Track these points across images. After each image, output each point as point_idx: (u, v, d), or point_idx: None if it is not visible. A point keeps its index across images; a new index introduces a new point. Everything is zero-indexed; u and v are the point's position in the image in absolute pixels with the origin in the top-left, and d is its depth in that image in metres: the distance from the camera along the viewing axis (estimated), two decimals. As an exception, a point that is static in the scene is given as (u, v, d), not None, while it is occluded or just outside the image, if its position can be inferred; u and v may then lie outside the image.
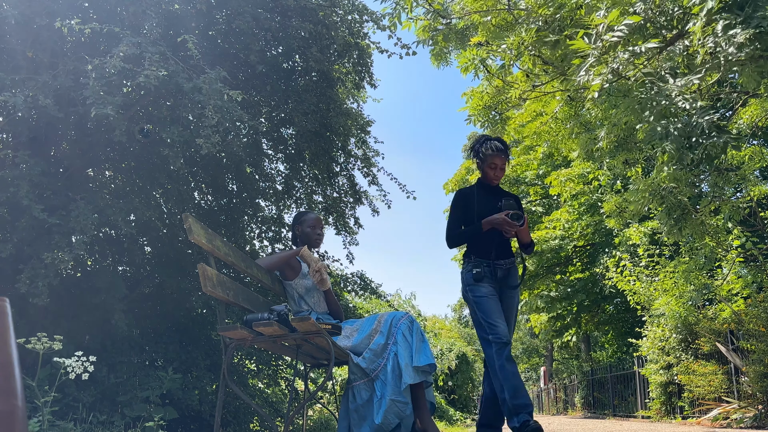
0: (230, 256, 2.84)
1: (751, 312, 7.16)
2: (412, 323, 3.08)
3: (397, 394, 2.86)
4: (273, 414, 4.99)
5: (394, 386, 2.88)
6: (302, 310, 3.34)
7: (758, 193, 7.14)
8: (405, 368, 2.90)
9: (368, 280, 5.54)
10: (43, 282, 2.96)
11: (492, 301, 3.16)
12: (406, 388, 2.87)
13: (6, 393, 1.02)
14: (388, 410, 2.84)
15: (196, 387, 4.12)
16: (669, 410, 9.76)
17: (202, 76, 3.13)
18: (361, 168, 5.11)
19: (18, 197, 3.00)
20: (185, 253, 4.37)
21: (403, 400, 2.86)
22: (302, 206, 5.27)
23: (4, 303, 1.11)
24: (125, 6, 3.49)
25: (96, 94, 2.89)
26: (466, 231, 3.28)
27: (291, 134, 5.03)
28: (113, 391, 3.59)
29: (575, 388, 18.64)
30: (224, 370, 2.71)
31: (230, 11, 3.98)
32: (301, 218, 3.54)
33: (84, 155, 3.81)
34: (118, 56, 2.94)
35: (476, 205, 3.31)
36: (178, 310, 4.44)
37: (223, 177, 4.78)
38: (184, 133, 3.27)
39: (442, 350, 13.59)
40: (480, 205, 3.30)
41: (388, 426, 2.84)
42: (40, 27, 3.31)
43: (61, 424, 2.91)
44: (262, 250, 5.18)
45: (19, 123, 3.42)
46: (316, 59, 4.20)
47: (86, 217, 3.11)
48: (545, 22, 4.50)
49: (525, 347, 34.65)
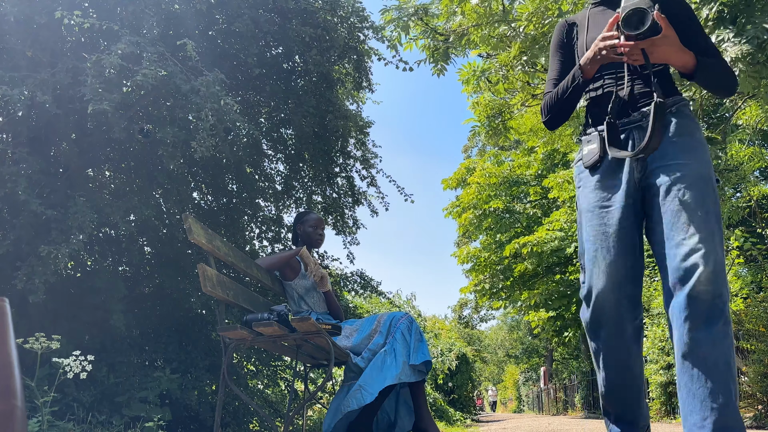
0: (230, 256, 2.84)
1: (751, 312, 7.16)
2: (412, 323, 3.09)
3: (368, 383, 2.83)
4: (273, 414, 4.99)
5: (368, 375, 2.86)
6: (302, 311, 3.35)
7: (758, 194, 7.15)
8: (403, 366, 2.89)
9: (368, 279, 5.54)
10: (40, 279, 2.95)
11: (596, 220, 1.78)
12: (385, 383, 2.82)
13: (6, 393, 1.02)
14: (352, 394, 2.83)
15: (195, 387, 4.12)
16: (669, 410, 9.76)
17: (200, 78, 3.13)
18: (360, 170, 5.12)
19: (16, 193, 2.99)
20: (185, 253, 4.36)
21: (370, 390, 2.81)
22: (302, 207, 5.28)
23: (3, 303, 1.11)
24: (124, 5, 3.49)
25: (94, 91, 2.89)
26: (562, 85, 1.89)
27: (291, 135, 5.03)
28: (113, 391, 3.59)
29: (575, 388, 18.64)
30: (224, 370, 2.70)
31: (230, 12, 3.98)
32: (302, 218, 3.54)
33: (83, 155, 3.81)
34: (116, 54, 2.94)
35: (587, 35, 1.89)
36: (178, 311, 4.43)
37: (222, 177, 4.77)
38: (180, 133, 3.27)
39: (442, 351, 13.58)
40: (592, 33, 1.88)
41: (345, 407, 2.83)
42: (40, 26, 3.31)
43: (61, 424, 2.91)
44: (262, 250, 5.18)
45: (18, 123, 3.42)
46: (316, 61, 4.20)
47: (85, 214, 3.10)
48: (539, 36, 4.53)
49: (525, 347, 34.64)
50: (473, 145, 27.16)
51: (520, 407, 39.27)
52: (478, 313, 29.62)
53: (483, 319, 29.82)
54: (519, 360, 36.63)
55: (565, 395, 21.05)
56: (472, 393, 16.35)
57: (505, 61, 4.67)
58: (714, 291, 1.55)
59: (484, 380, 37.41)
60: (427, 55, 5.29)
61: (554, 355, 27.37)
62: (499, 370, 45.30)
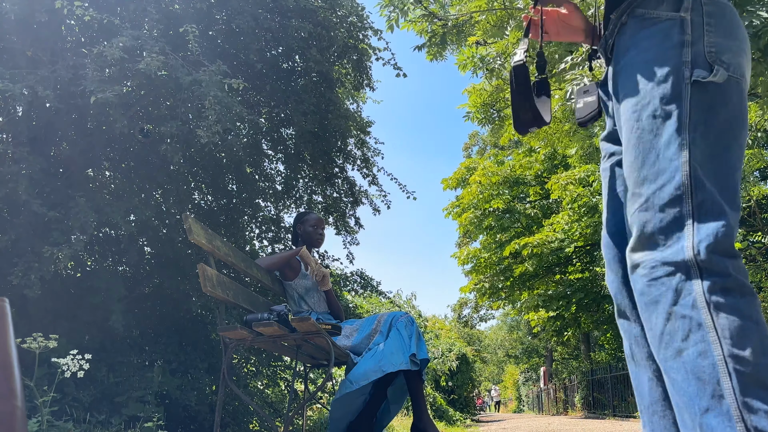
0: (230, 256, 2.83)
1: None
2: (412, 323, 3.09)
3: (354, 375, 2.84)
4: (272, 414, 4.99)
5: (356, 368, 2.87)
6: (302, 311, 3.34)
7: (757, 194, 7.15)
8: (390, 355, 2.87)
9: (368, 278, 5.54)
10: (36, 275, 2.94)
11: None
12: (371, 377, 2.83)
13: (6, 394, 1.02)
14: (340, 386, 2.87)
15: (194, 387, 4.11)
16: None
17: (202, 69, 3.13)
18: (361, 168, 5.11)
19: (17, 193, 2.99)
20: (185, 253, 4.36)
21: (352, 379, 2.83)
22: (302, 206, 5.28)
23: (3, 303, 1.11)
24: (125, 4, 3.49)
25: (96, 82, 2.88)
26: None
27: (291, 134, 5.03)
28: (112, 391, 3.59)
29: (575, 389, 18.64)
30: (224, 370, 2.70)
31: (230, 11, 3.98)
32: (303, 218, 3.55)
33: (84, 155, 3.81)
34: (118, 46, 2.94)
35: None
36: (178, 311, 4.43)
37: (223, 177, 4.77)
38: (183, 128, 3.27)
39: (442, 351, 13.59)
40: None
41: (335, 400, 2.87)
42: (40, 24, 3.30)
43: (60, 424, 2.91)
44: (262, 251, 5.18)
45: (19, 123, 3.42)
46: (316, 60, 4.21)
47: (85, 213, 3.10)
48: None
49: (525, 347, 34.65)
50: (473, 144, 27.18)
51: (520, 407, 39.27)
52: (477, 312, 29.62)
53: (483, 319, 29.81)
54: (519, 360, 36.64)
55: (565, 395, 21.06)
56: (472, 393, 16.36)
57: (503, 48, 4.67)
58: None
59: (484, 380, 37.43)
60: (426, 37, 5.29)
61: (554, 355, 27.37)
62: (499, 370, 45.32)
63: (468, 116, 6.45)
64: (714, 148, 1.16)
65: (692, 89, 1.17)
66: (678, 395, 1.09)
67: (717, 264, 1.08)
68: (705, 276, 1.08)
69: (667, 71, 1.20)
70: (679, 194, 1.13)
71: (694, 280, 1.09)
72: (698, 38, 1.20)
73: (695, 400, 1.06)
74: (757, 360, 1.02)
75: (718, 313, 1.06)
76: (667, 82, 1.19)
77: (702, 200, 1.12)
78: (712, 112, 1.17)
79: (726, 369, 1.03)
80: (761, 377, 1.01)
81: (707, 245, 1.09)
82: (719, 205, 1.12)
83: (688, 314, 1.08)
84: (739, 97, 1.19)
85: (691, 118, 1.16)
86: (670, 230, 1.13)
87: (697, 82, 1.17)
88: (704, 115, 1.16)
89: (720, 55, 1.19)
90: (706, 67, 1.18)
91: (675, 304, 1.10)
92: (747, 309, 1.06)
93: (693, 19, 1.22)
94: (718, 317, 1.06)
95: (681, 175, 1.14)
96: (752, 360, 1.02)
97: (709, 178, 1.14)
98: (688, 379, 1.07)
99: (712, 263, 1.08)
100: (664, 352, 1.12)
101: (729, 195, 1.13)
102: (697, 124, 1.16)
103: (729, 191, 1.14)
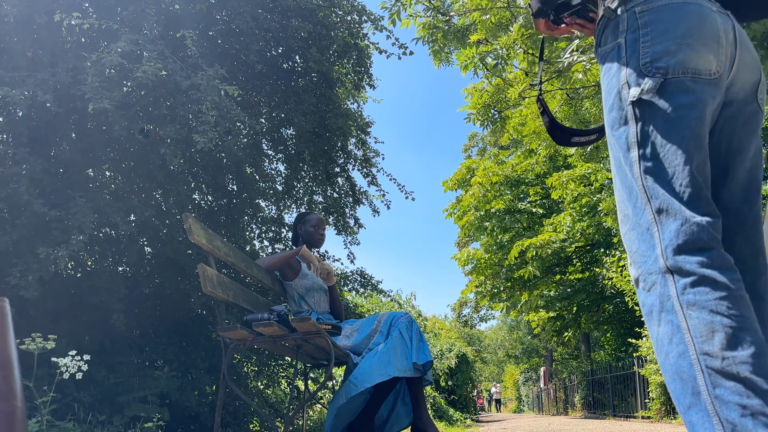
0: (230, 256, 2.84)
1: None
2: (411, 323, 3.08)
3: (357, 377, 2.83)
4: (273, 414, 4.99)
5: (359, 370, 2.86)
6: (302, 311, 3.35)
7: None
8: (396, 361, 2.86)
9: (368, 277, 5.55)
10: (34, 276, 2.94)
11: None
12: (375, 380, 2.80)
13: (6, 394, 1.02)
14: (343, 388, 2.84)
15: (195, 387, 4.12)
16: (669, 410, 9.76)
17: (200, 73, 3.13)
18: (361, 169, 5.12)
19: (18, 193, 2.99)
20: (185, 253, 4.37)
21: (356, 383, 2.81)
22: (302, 207, 5.28)
23: (3, 303, 1.11)
24: (125, 5, 3.49)
25: (95, 90, 2.89)
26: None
27: (291, 134, 5.04)
28: (113, 392, 3.59)
29: (575, 389, 18.64)
30: (224, 370, 2.70)
31: (230, 11, 3.98)
32: (304, 218, 3.55)
33: (84, 155, 3.81)
34: (116, 52, 2.94)
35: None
36: (178, 311, 4.43)
37: (223, 177, 4.77)
38: (182, 130, 3.27)
39: (442, 350, 13.58)
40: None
41: (337, 403, 2.84)
42: (40, 26, 3.30)
43: (61, 425, 2.91)
44: (262, 251, 5.18)
45: (19, 123, 3.42)
46: (316, 60, 4.21)
47: (85, 214, 3.10)
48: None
49: (525, 347, 34.64)
50: (473, 145, 27.15)
51: (520, 407, 39.27)
52: (477, 312, 29.61)
53: (483, 319, 29.80)
54: (519, 360, 36.62)
55: (565, 395, 21.06)
56: (472, 393, 16.35)
57: (506, 43, 4.66)
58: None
59: (484, 380, 37.41)
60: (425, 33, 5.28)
61: (554, 355, 27.37)
62: (499, 370, 45.31)
63: (469, 118, 6.45)
64: (661, 150, 1.20)
65: (635, 107, 1.24)
66: (671, 396, 1.16)
67: (684, 264, 1.13)
68: (676, 278, 1.14)
69: (612, 100, 1.29)
70: (642, 208, 1.21)
71: (670, 285, 1.14)
72: (632, 55, 1.25)
73: (681, 398, 1.12)
74: (724, 354, 1.06)
75: (690, 313, 1.11)
76: (613, 110, 1.28)
77: (659, 206, 1.18)
78: (656, 120, 1.21)
79: (699, 366, 1.08)
80: (729, 370, 1.05)
81: (673, 248, 1.14)
82: (674, 204, 1.16)
83: (670, 318, 1.14)
84: (686, 93, 1.20)
85: (640, 133, 1.23)
86: (646, 243, 1.20)
87: (638, 100, 1.23)
88: (649, 125, 1.22)
89: (655, 63, 1.22)
90: (639, 83, 1.23)
91: (662, 311, 1.16)
92: (715, 304, 1.09)
93: (627, 38, 1.26)
94: (690, 317, 1.10)
95: (637, 189, 1.22)
96: (719, 354, 1.06)
97: (662, 183, 1.19)
98: (674, 380, 1.13)
99: (679, 264, 1.13)
100: (659, 358, 1.18)
101: (683, 190, 1.17)
102: (645, 136, 1.22)
103: (683, 186, 1.17)
